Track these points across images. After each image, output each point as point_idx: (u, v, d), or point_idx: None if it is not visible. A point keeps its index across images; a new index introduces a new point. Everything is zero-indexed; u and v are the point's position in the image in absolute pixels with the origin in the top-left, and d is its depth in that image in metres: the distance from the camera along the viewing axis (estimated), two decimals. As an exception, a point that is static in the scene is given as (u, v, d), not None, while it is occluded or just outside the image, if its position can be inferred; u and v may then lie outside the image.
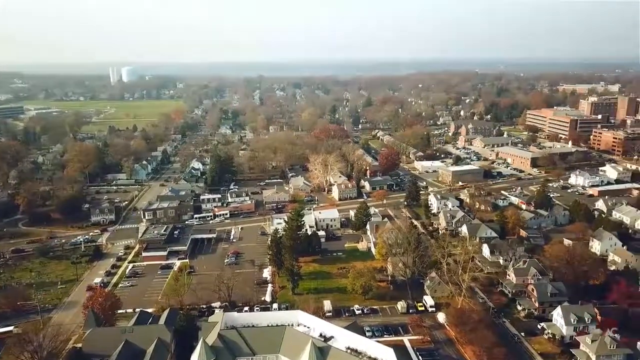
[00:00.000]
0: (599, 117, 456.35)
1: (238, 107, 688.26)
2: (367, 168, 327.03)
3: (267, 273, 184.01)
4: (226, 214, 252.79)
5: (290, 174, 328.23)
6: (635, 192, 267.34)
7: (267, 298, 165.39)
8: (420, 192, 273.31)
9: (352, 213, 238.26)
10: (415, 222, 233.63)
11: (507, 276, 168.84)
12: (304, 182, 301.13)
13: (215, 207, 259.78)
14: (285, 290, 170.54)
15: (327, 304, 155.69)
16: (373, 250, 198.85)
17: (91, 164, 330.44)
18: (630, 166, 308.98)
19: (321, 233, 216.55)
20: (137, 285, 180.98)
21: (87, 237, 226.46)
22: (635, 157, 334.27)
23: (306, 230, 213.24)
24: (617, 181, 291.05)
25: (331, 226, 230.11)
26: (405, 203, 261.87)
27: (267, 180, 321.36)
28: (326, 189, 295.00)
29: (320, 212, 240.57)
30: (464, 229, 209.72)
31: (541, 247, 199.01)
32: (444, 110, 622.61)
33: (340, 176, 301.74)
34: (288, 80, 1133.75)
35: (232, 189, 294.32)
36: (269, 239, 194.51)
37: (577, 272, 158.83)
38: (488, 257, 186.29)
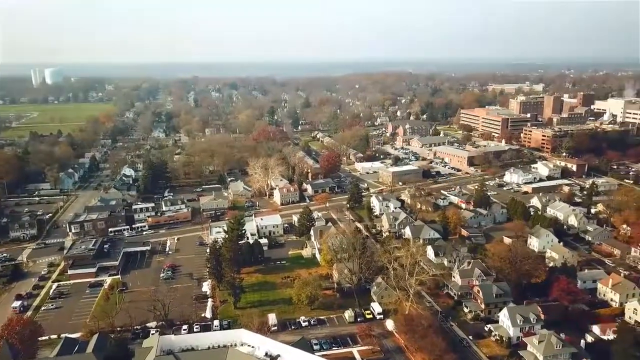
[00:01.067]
0: (528, 115, 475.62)
1: (172, 110, 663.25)
2: (309, 171, 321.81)
3: (206, 287, 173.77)
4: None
5: (229, 179, 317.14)
6: (565, 188, 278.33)
7: (208, 314, 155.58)
8: (362, 194, 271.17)
9: (295, 218, 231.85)
10: (359, 225, 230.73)
11: (453, 278, 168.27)
12: (243, 187, 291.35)
13: (149, 217, 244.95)
14: (226, 305, 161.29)
15: (272, 318, 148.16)
16: (318, 256, 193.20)
17: (10, 174, 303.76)
18: (560, 163, 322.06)
19: (263, 241, 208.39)
20: (63, 307, 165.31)
21: (4, 255, 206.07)
22: (564, 154, 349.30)
23: (247, 238, 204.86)
24: (549, 178, 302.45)
25: (274, 233, 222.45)
26: (348, 205, 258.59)
27: (204, 186, 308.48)
28: (267, 193, 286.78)
29: (262, 219, 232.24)
30: (407, 231, 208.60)
31: (483, 246, 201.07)
32: (381, 111, 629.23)
33: (281, 180, 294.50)
34: (224, 81, 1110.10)
35: (166, 197, 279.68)
36: (208, 250, 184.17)
37: (519, 271, 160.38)
38: (433, 259, 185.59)
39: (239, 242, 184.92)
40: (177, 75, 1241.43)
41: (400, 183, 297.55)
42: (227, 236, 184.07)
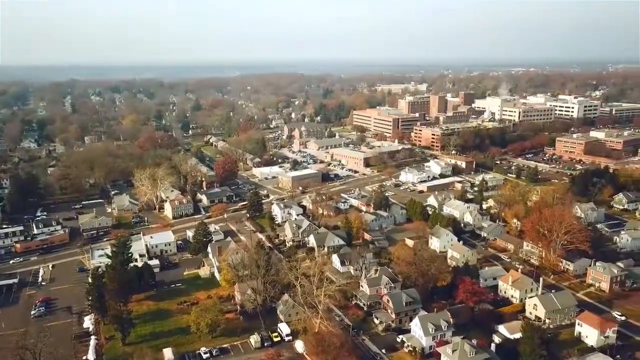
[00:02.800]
0: (417, 115, 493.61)
1: (45, 116, 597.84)
2: (203, 179, 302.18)
3: (88, 322, 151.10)
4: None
5: (113, 192, 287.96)
6: (458, 185, 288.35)
7: (90, 356, 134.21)
8: (263, 202, 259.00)
9: (189, 233, 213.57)
10: (261, 236, 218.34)
11: (361, 288, 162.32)
12: (129, 200, 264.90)
13: (16, 242, 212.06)
14: (114, 342, 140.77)
15: (168, 353, 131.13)
16: (217, 276, 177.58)
17: None
18: (450, 160, 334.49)
19: (154, 262, 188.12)
20: None
21: None
22: (453, 151, 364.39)
23: (136, 260, 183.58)
24: (441, 175, 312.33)
25: (166, 252, 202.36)
26: (248, 215, 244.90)
27: (84, 202, 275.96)
28: (157, 206, 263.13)
29: (151, 236, 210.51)
30: (311, 240, 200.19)
31: (386, 250, 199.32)
32: (276, 113, 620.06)
33: (172, 191, 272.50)
34: (105, 84, 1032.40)
35: (39, 217, 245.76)
36: (89, 277, 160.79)
37: (426, 275, 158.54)
38: (339, 268, 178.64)
39: (126, 267, 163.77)
40: (51, 79, 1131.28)
41: (301, 188, 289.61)
42: (110, 262, 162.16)
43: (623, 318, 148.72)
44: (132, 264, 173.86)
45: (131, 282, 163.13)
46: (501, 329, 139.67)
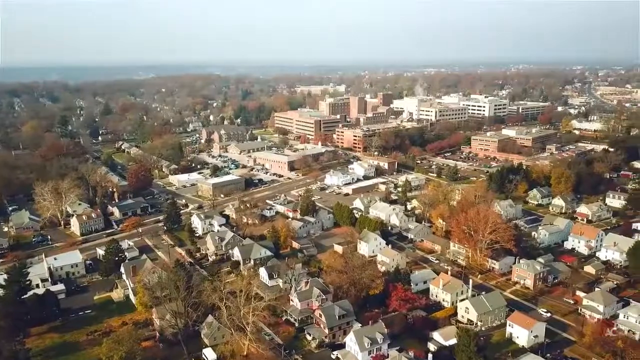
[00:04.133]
0: (338, 116, 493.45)
1: None
2: (115, 190, 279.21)
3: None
4: None
5: (10, 208, 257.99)
6: (382, 187, 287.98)
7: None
8: (182, 212, 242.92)
9: (100, 252, 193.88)
10: (180, 251, 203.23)
11: (291, 302, 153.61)
12: (30, 217, 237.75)
13: None
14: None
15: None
16: (133, 299, 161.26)
17: None
18: (373, 162, 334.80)
19: (59, 287, 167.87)
20: None
21: None
22: (375, 152, 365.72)
23: (37, 286, 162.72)
24: (365, 177, 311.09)
25: (73, 274, 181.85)
26: (165, 228, 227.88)
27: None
28: (62, 222, 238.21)
29: (56, 258, 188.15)
30: (236, 252, 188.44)
31: (315, 258, 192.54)
32: (193, 116, 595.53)
33: (80, 204, 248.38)
34: (1, 87, 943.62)
35: None
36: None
37: (358, 285, 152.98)
38: (267, 282, 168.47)
39: (22, 297, 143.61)
40: None
41: (222, 195, 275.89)
42: (4, 291, 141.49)
43: (549, 315, 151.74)
44: (31, 292, 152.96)
45: (29, 313, 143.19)
46: (436, 335, 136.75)
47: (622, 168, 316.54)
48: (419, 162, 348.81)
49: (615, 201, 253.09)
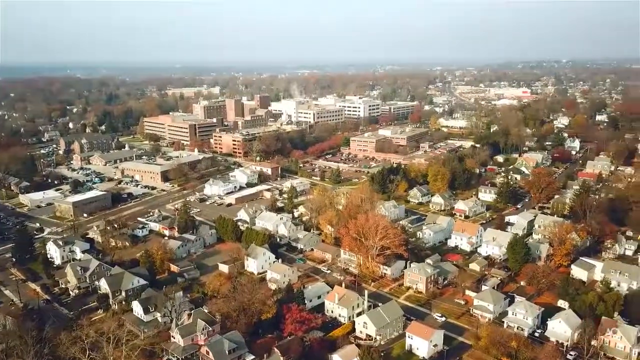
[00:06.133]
0: (214, 120, 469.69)
1: None
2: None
3: None
4: None
5: None
6: (267, 194, 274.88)
7: None
8: (35, 239, 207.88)
9: None
10: (34, 286, 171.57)
11: (172, 338, 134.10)
12: None
13: None
14: None
15: None
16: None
17: None
18: (255, 167, 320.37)
19: None
20: None
21: None
22: (257, 158, 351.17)
23: None
24: (248, 184, 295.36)
25: None
26: (14, 259, 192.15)
27: None
28: None
29: None
30: (103, 284, 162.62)
31: (198, 281, 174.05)
32: (49, 124, 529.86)
33: None
34: None
35: None
36: None
37: (248, 311, 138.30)
38: (142, 317, 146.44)
39: None
40: None
41: (85, 215, 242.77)
42: None
43: (444, 319, 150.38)
44: None
45: None
46: (336, 358, 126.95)
47: (488, 163, 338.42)
48: (301, 165, 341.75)
49: (487, 195, 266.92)
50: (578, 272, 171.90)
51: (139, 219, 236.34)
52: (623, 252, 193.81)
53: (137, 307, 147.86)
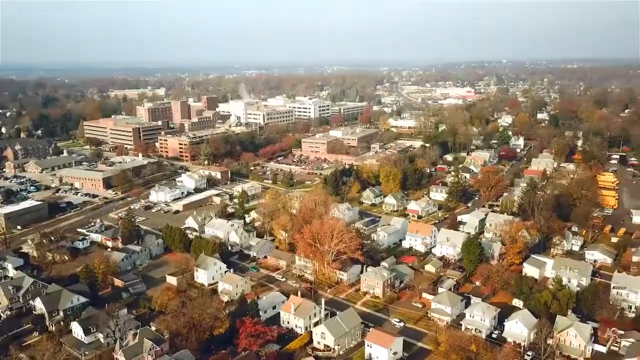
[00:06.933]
0: (159, 123, 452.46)
1: None
2: None
3: None
4: None
5: None
6: (216, 200, 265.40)
7: None
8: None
9: None
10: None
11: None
12: None
13: None
14: None
15: None
16: None
17: None
18: (204, 172, 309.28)
19: None
20: None
21: None
22: (205, 161, 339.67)
23: None
24: (196, 190, 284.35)
25: None
26: None
27: None
28: None
29: None
30: (38, 304, 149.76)
31: (145, 295, 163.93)
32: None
33: None
34: None
35: None
36: None
37: (199, 327, 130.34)
38: (84, 339, 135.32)
39: None
40: None
41: (19, 227, 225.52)
42: None
43: (402, 324, 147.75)
44: None
45: None
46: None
47: (438, 162, 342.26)
48: (252, 168, 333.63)
49: (438, 195, 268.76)
50: (530, 270, 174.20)
51: (79, 230, 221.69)
52: (570, 248, 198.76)
53: (76, 328, 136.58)
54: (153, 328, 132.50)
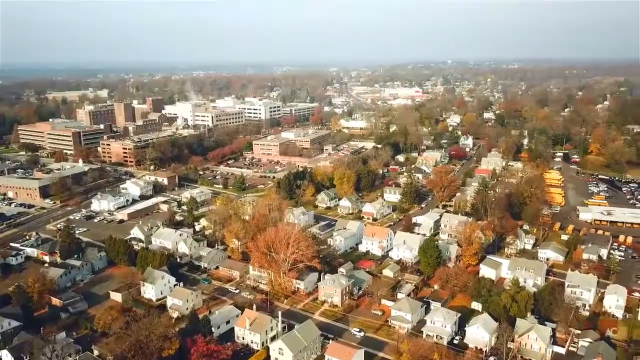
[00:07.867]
0: (102, 126, 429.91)
1: None
2: None
3: None
4: None
5: None
6: (163, 207, 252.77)
7: None
8: None
9: None
10: None
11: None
12: None
13: None
14: None
15: None
16: None
17: None
18: (149, 177, 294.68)
19: None
20: None
21: None
22: (151, 167, 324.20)
23: None
24: (142, 197, 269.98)
25: None
26: None
27: None
28: None
29: None
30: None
31: (86, 315, 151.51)
32: None
33: None
34: None
35: None
36: None
37: (145, 349, 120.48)
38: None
39: None
40: None
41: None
42: None
43: (362, 334, 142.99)
44: None
45: None
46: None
47: (390, 163, 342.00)
48: (201, 173, 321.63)
49: (392, 196, 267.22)
50: (486, 271, 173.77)
51: (12, 244, 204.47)
52: (523, 247, 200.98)
53: (7, 357, 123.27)
54: (95, 352, 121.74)
